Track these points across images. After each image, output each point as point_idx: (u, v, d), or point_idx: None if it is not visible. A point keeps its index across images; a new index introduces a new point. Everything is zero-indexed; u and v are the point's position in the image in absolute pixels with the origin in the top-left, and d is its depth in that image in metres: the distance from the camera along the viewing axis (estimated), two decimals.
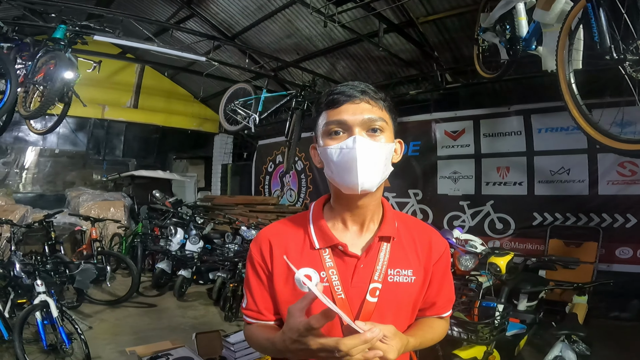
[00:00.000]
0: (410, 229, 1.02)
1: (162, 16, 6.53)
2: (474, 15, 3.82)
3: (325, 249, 0.95)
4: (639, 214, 4.47)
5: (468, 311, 2.89)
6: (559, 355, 2.40)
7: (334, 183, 0.95)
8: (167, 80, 8.91)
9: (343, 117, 0.90)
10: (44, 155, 8.18)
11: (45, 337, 3.05)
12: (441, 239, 1.04)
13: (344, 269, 0.94)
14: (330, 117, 0.92)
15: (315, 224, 0.99)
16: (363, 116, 0.90)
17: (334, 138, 0.91)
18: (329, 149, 0.91)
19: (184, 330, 4.15)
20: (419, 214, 6.14)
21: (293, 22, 5.71)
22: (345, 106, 0.90)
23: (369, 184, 0.90)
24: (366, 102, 0.91)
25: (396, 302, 0.94)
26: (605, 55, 1.89)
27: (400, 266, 0.95)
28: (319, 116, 0.96)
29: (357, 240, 0.98)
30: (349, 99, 0.90)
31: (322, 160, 0.96)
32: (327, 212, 1.03)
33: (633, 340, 3.86)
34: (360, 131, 0.89)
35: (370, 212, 0.98)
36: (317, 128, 0.97)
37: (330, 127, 0.91)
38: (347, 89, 0.91)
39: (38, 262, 3.50)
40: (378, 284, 0.92)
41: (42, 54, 3.67)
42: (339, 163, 0.89)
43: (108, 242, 7.03)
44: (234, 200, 8.40)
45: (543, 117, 5.07)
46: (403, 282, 0.95)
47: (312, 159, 1.01)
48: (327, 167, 0.95)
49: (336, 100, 0.91)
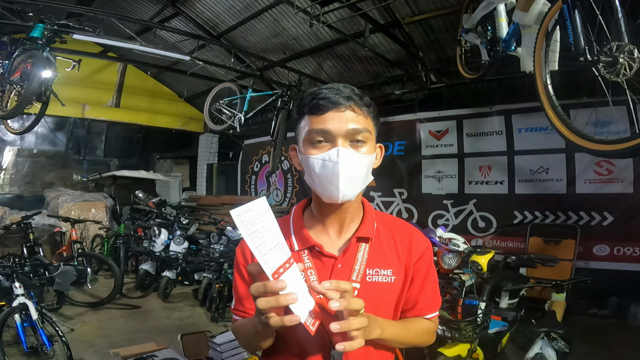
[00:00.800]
0: (391, 229, 1.02)
1: (145, 15, 6.43)
2: (458, 16, 3.87)
3: (304, 250, 0.97)
4: (615, 212, 4.59)
5: (452, 309, 2.93)
6: (539, 352, 2.45)
7: (315, 191, 0.96)
8: (151, 79, 8.78)
9: (327, 127, 0.88)
10: (22, 155, 7.96)
11: (26, 339, 3.00)
12: (422, 237, 1.04)
13: (322, 270, 0.95)
14: (313, 124, 0.90)
15: (295, 227, 1.00)
16: (347, 126, 0.88)
17: (316, 147, 0.90)
18: (310, 158, 0.90)
19: (169, 331, 4.11)
20: (404, 213, 6.20)
21: (279, 22, 5.70)
22: (329, 114, 0.88)
23: (350, 195, 0.91)
24: (351, 109, 0.89)
25: (375, 302, 0.93)
26: (580, 56, 1.94)
27: (379, 266, 0.95)
28: (301, 119, 0.94)
29: (336, 241, 0.99)
30: (333, 105, 0.88)
31: (302, 165, 0.96)
32: (307, 215, 1.04)
33: (611, 338, 3.95)
34: (343, 142, 0.88)
35: (350, 214, 0.99)
36: (298, 131, 0.96)
37: (313, 136, 0.90)
38: (332, 95, 0.89)
39: (16, 264, 3.41)
40: (356, 283, 0.92)
41: (18, 53, 3.62)
42: (321, 174, 0.89)
43: (89, 244, 6.90)
44: (219, 200, 8.34)
45: (523, 117, 5.18)
46: (382, 281, 0.94)
47: (292, 160, 1.01)
48: (307, 175, 0.95)
49: (320, 107, 0.89)
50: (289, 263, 0.77)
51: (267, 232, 0.74)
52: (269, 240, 0.74)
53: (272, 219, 0.76)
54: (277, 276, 0.74)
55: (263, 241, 0.73)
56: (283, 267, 0.76)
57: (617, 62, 1.86)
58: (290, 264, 0.77)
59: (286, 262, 0.77)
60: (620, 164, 4.55)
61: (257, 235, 0.73)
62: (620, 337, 3.99)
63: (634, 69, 1.84)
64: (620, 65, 1.85)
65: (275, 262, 0.75)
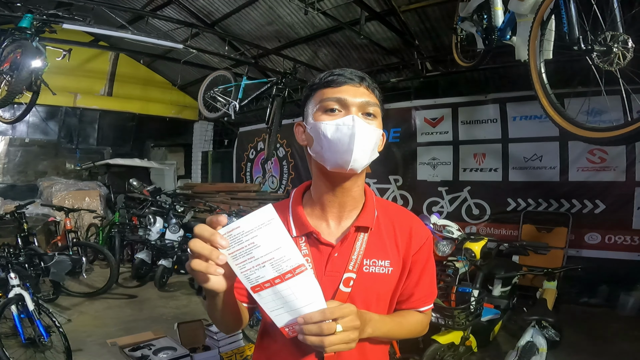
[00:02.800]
0: (392, 218, 1.01)
1: (137, 3, 6.30)
2: (454, 5, 3.84)
3: (302, 237, 0.95)
4: (607, 200, 4.64)
5: (446, 297, 2.95)
6: (530, 340, 2.48)
7: (321, 160, 0.92)
8: (143, 67, 8.64)
9: (343, 96, 0.90)
10: (14, 145, 7.86)
11: (23, 330, 3.00)
12: (423, 228, 1.03)
13: (318, 257, 0.94)
14: (328, 94, 0.91)
15: (293, 211, 0.99)
16: (362, 99, 0.91)
17: (330, 115, 0.90)
18: (323, 124, 0.90)
19: (166, 320, 4.15)
20: (399, 200, 6.24)
21: (274, 9, 5.61)
22: (345, 87, 0.91)
23: (359, 163, 0.89)
24: (365, 87, 0.93)
25: (371, 293, 0.93)
26: (574, 45, 1.94)
27: (377, 257, 0.95)
28: (312, 94, 0.95)
29: (335, 229, 0.97)
30: (349, 80, 0.92)
31: (308, 137, 0.95)
32: (306, 199, 1.02)
33: (601, 326, 4.00)
34: (357, 112, 0.90)
35: (352, 199, 0.97)
36: (308, 105, 0.96)
37: (329, 103, 0.91)
38: (347, 73, 0.93)
39: (11, 255, 3.39)
40: (352, 273, 0.92)
41: (7, 43, 3.60)
42: (334, 139, 0.88)
43: (84, 233, 6.88)
44: (215, 187, 8.32)
45: (518, 106, 5.19)
46: (379, 272, 0.94)
47: (296, 136, 1.00)
48: (316, 142, 0.92)
49: (337, 80, 0.92)
50: (291, 273, 0.73)
51: (257, 248, 0.71)
52: (258, 257, 0.71)
53: (270, 232, 0.71)
54: (259, 289, 0.73)
55: (249, 257, 0.71)
56: (271, 282, 0.73)
57: (611, 52, 1.86)
58: (290, 276, 0.74)
59: (278, 277, 0.73)
60: (612, 152, 4.58)
61: (242, 252, 0.71)
62: (610, 325, 4.03)
63: (627, 58, 1.85)
64: (614, 55, 1.86)
65: (261, 277, 0.73)
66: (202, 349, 3.04)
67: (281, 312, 0.78)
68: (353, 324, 0.79)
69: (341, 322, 0.77)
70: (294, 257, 0.72)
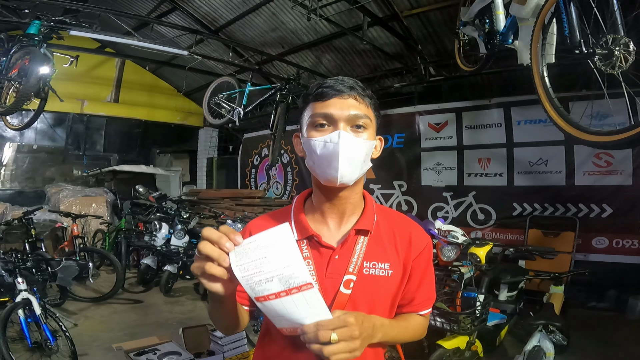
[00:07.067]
0: (392, 223, 1.03)
1: (142, 10, 6.40)
2: (456, 9, 3.85)
3: (303, 240, 0.97)
4: (614, 204, 4.59)
5: (451, 302, 2.94)
6: (537, 345, 2.46)
7: (314, 174, 0.97)
8: (149, 74, 8.77)
9: (330, 111, 0.91)
10: (22, 151, 7.98)
11: (30, 335, 3.02)
12: (423, 234, 1.05)
13: (319, 260, 0.96)
14: (317, 109, 0.93)
15: (295, 216, 1.01)
16: (349, 112, 0.91)
17: (319, 130, 0.93)
18: (312, 140, 0.93)
19: (171, 325, 4.15)
20: (403, 205, 6.22)
21: (277, 16, 5.67)
22: (333, 100, 0.92)
23: (348, 177, 0.92)
24: (354, 98, 0.93)
25: (371, 295, 0.94)
26: (575, 49, 1.94)
27: (376, 259, 0.96)
28: (305, 107, 0.97)
29: (335, 233, 0.99)
30: (337, 93, 0.92)
31: (304, 149, 0.99)
32: (308, 204, 1.05)
33: (609, 331, 3.94)
34: (345, 126, 0.91)
35: (351, 205, 1.00)
36: (302, 118, 0.98)
37: (317, 119, 0.93)
38: (336, 84, 0.93)
39: (19, 260, 3.43)
40: (352, 275, 0.93)
41: (16, 50, 3.62)
42: (322, 155, 0.91)
43: (91, 239, 6.93)
44: (220, 194, 8.35)
45: (522, 110, 5.17)
46: (379, 275, 0.95)
47: (295, 147, 1.03)
48: (309, 157, 0.96)
49: (325, 94, 0.92)
50: (297, 289, 0.73)
51: (268, 262, 0.71)
52: (267, 271, 0.71)
53: (282, 249, 0.71)
54: (264, 300, 0.73)
55: (258, 271, 0.72)
56: (276, 295, 0.73)
57: (612, 55, 1.86)
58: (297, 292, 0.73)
59: (284, 291, 0.73)
60: (619, 155, 4.54)
61: (252, 265, 0.71)
62: (618, 330, 3.97)
63: (629, 61, 1.85)
64: (616, 58, 1.86)
65: (267, 289, 0.73)
66: (206, 354, 3.04)
67: (283, 320, 0.79)
68: (350, 334, 0.78)
69: (337, 332, 0.77)
70: (302, 276, 0.72)
